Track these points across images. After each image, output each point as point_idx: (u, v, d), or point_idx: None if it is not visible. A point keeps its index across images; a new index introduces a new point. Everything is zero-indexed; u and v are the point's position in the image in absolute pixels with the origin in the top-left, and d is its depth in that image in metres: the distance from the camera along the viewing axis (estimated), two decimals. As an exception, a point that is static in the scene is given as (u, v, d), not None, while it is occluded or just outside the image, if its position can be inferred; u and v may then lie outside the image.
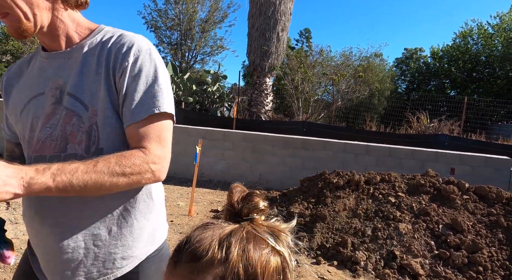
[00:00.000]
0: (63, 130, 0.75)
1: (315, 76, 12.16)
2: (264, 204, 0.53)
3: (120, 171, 0.68)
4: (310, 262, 2.96)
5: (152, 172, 0.73)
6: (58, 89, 0.76)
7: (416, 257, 2.91)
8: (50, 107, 0.76)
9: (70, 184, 0.63)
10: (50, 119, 0.76)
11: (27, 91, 0.80)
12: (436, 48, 21.56)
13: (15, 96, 0.82)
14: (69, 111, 0.75)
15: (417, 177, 3.94)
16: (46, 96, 0.77)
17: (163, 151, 0.75)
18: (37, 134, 0.76)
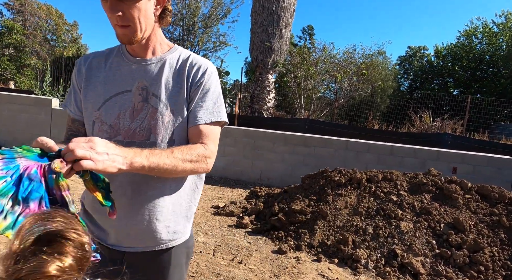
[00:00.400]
0: (149, 123, 0.94)
1: (318, 73, 12.10)
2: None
3: (189, 158, 0.89)
4: (310, 259, 2.95)
5: (207, 164, 0.94)
6: (144, 90, 0.95)
7: (417, 255, 2.91)
8: (139, 104, 0.95)
9: (158, 165, 0.82)
10: (139, 113, 0.94)
11: (113, 85, 0.97)
12: (439, 47, 21.41)
13: (100, 86, 0.97)
14: (154, 109, 0.94)
15: (419, 175, 3.92)
16: (134, 94, 0.95)
17: (215, 149, 0.98)
18: (125, 123, 0.94)
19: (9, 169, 0.63)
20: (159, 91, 0.95)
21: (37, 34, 20.90)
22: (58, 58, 15.29)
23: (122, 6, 0.84)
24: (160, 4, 0.93)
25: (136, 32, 0.88)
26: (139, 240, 0.97)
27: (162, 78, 0.96)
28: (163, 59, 0.98)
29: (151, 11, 0.90)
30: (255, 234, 3.47)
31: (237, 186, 5.65)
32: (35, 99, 6.28)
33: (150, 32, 0.94)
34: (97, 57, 1.02)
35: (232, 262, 2.77)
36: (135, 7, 0.85)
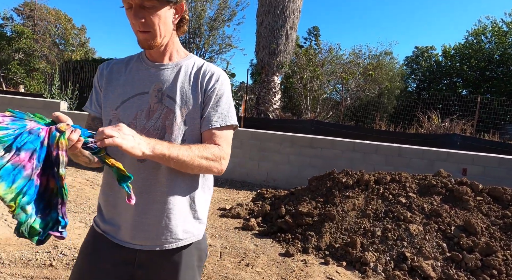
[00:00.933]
0: (163, 123, 0.99)
1: (324, 74, 12.04)
2: None
3: (205, 155, 0.96)
4: (318, 262, 2.92)
5: (221, 164, 1.00)
6: (160, 92, 1.01)
7: (427, 259, 2.85)
8: (155, 105, 1.01)
9: (177, 156, 0.90)
10: (154, 114, 1.00)
11: (131, 87, 1.03)
12: (447, 47, 21.14)
13: (119, 88, 1.04)
14: (168, 109, 1.00)
15: (428, 177, 3.85)
16: (150, 96, 1.02)
17: (229, 152, 1.04)
18: (141, 122, 1.00)
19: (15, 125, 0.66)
20: (174, 93, 1.01)
21: (46, 38, 21.25)
22: (67, 62, 15.51)
23: (144, 13, 0.93)
24: (178, 13, 1.02)
25: (155, 37, 0.97)
26: (150, 238, 1.00)
27: (177, 82, 1.02)
28: (179, 65, 1.05)
29: (170, 19, 0.99)
30: (262, 236, 3.45)
31: (244, 188, 5.63)
32: (44, 103, 6.37)
33: (168, 39, 1.02)
34: (118, 63, 1.11)
35: (239, 265, 2.75)
36: (156, 15, 0.94)
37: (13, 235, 2.81)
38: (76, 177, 5.05)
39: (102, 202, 1.06)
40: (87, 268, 1.03)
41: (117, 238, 1.01)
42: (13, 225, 3.01)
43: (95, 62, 15.08)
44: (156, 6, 0.93)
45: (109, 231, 1.03)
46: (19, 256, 2.45)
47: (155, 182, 0.99)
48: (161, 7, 0.94)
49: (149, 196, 0.99)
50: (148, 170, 0.98)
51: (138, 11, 0.93)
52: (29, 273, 2.27)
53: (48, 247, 2.65)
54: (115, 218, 1.02)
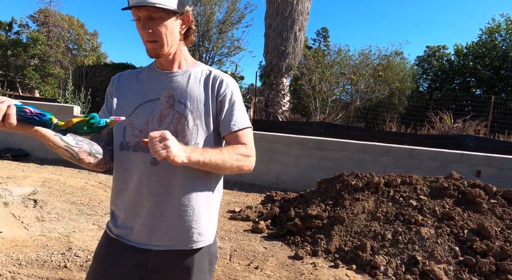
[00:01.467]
0: (175, 128, 1.03)
1: (333, 75, 11.97)
2: None
3: (235, 157, 1.01)
4: (328, 265, 2.90)
5: (250, 162, 1.05)
6: (171, 98, 1.05)
7: (440, 263, 2.80)
8: (166, 110, 1.05)
9: (210, 160, 0.94)
10: (166, 119, 1.04)
11: (143, 95, 1.07)
12: (460, 46, 20.73)
13: (130, 96, 1.09)
14: (179, 114, 1.04)
15: (440, 179, 3.79)
16: (161, 102, 1.06)
17: (254, 150, 1.09)
18: (152, 127, 1.03)
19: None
20: (185, 99, 1.05)
21: (60, 44, 21.80)
22: (80, 67, 15.87)
23: (151, 24, 0.98)
24: (185, 24, 1.07)
25: (163, 46, 1.01)
26: (165, 239, 1.02)
27: (187, 88, 1.07)
28: (188, 72, 1.10)
29: (177, 30, 1.04)
30: (271, 239, 3.45)
31: (253, 190, 5.65)
32: (58, 107, 6.54)
33: (176, 48, 1.07)
34: (130, 73, 1.16)
35: (248, 268, 2.76)
36: (163, 25, 0.99)
37: (29, 237, 2.90)
38: (89, 180, 5.16)
39: (114, 207, 1.09)
40: (101, 273, 1.05)
41: (131, 241, 1.03)
42: (30, 227, 3.11)
43: (107, 67, 15.39)
44: (163, 17, 0.98)
45: (123, 234, 1.05)
46: (35, 258, 2.53)
47: (169, 185, 1.02)
48: (167, 18, 0.99)
49: (163, 199, 1.01)
50: (161, 174, 1.01)
51: (146, 22, 0.98)
52: (44, 274, 2.34)
53: (62, 249, 2.73)
54: (128, 222, 1.04)
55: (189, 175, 1.02)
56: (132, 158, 1.03)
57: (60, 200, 4.01)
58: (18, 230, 3.01)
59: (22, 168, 5.48)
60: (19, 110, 0.75)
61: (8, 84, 11.89)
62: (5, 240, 2.79)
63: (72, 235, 3.01)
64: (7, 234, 2.91)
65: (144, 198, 1.02)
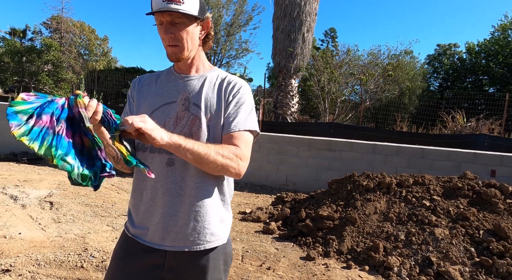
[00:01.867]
0: (190, 129, 1.06)
1: (342, 76, 11.90)
2: None
3: (221, 152, 0.99)
4: (340, 266, 2.89)
5: (238, 165, 1.02)
6: (186, 100, 1.09)
7: (455, 264, 2.76)
8: (182, 112, 1.08)
9: (192, 149, 0.94)
10: (181, 121, 1.07)
11: (161, 97, 1.12)
12: (471, 44, 20.35)
13: (149, 99, 1.13)
14: (194, 116, 1.07)
15: (453, 179, 3.73)
16: (178, 104, 1.09)
17: (247, 154, 1.06)
18: (169, 129, 1.02)
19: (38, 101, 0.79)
20: (199, 101, 1.08)
21: (72, 49, 22.29)
22: (91, 72, 16.20)
23: (174, 29, 1.03)
24: (204, 30, 1.11)
25: (183, 51, 1.06)
26: (179, 239, 1.04)
27: (202, 91, 1.10)
28: (204, 76, 1.13)
29: (197, 35, 1.08)
30: (283, 240, 3.46)
31: (263, 191, 5.66)
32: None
33: (195, 53, 1.11)
34: (149, 77, 1.20)
35: (261, 268, 2.77)
36: (185, 30, 1.04)
37: (46, 238, 2.98)
38: (102, 183, 5.26)
39: (132, 207, 1.12)
40: (119, 272, 1.08)
41: (147, 241, 1.06)
42: (47, 229, 3.19)
43: (118, 71, 15.66)
44: (185, 23, 1.03)
45: (139, 234, 1.07)
46: (53, 258, 2.59)
47: (184, 186, 1.04)
48: (189, 24, 1.03)
49: (177, 199, 1.04)
50: (176, 174, 1.04)
51: (168, 27, 1.02)
52: (62, 274, 2.40)
53: (78, 250, 2.79)
54: (144, 222, 1.07)
55: (203, 176, 1.04)
56: (149, 159, 1.06)
57: (75, 202, 4.10)
58: (36, 232, 3.09)
59: (37, 171, 5.62)
60: (104, 110, 0.87)
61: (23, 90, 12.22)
62: (24, 241, 2.87)
63: (87, 236, 3.08)
64: (26, 235, 2.99)
65: (159, 198, 1.04)
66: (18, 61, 16.04)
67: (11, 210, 3.60)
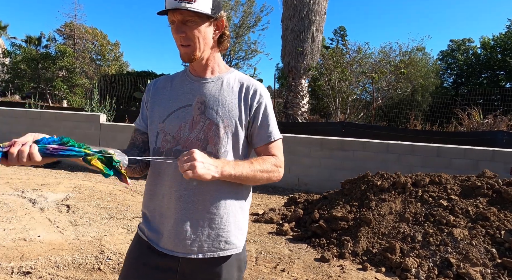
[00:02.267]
0: (205, 135, 1.03)
1: (353, 75, 11.77)
2: None
3: (265, 169, 1.03)
4: (356, 268, 2.85)
5: (279, 172, 1.08)
6: (202, 104, 1.06)
7: (475, 265, 2.68)
8: (198, 116, 1.05)
9: (241, 174, 0.97)
10: (197, 125, 1.04)
11: (176, 101, 1.08)
12: (486, 38, 19.81)
13: (164, 103, 1.10)
14: (210, 121, 1.04)
15: (472, 178, 3.63)
16: (193, 108, 1.06)
17: (283, 159, 1.11)
18: (185, 134, 1.04)
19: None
20: (216, 106, 1.05)
21: (85, 55, 22.80)
22: (104, 77, 16.52)
23: (185, 28, 0.99)
24: (219, 29, 1.07)
25: (195, 50, 1.02)
26: (192, 246, 1.02)
27: (219, 95, 1.06)
28: (221, 78, 1.09)
29: (210, 35, 1.04)
30: (296, 241, 3.43)
31: (275, 192, 5.64)
32: (86, 116, 6.83)
33: (209, 54, 1.07)
34: (164, 79, 1.17)
35: (275, 270, 2.76)
36: (196, 30, 1.00)
37: (64, 241, 3.04)
38: (116, 185, 5.34)
39: (146, 211, 1.10)
40: (134, 272, 1.07)
41: (160, 246, 1.04)
42: (65, 232, 3.26)
43: (129, 75, 15.91)
44: (196, 22, 0.99)
45: (153, 238, 1.06)
46: (71, 260, 2.65)
47: (199, 192, 1.02)
48: (201, 23, 1.00)
49: (191, 206, 1.02)
50: (191, 181, 1.00)
51: (180, 26, 0.99)
52: (80, 276, 2.44)
53: (95, 252, 2.84)
54: (159, 226, 1.05)
55: (219, 183, 1.02)
56: (164, 164, 1.04)
57: (91, 205, 4.18)
58: (54, 234, 3.16)
59: (54, 175, 5.76)
60: (42, 148, 0.83)
61: (39, 96, 12.57)
62: (44, 244, 2.94)
63: (103, 239, 3.13)
64: (45, 238, 3.06)
65: (173, 204, 1.03)
66: (34, 68, 16.50)
67: (30, 213, 3.70)
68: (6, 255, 2.67)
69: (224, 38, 1.10)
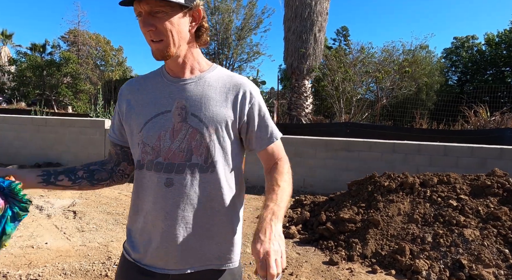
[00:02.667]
0: (189, 144, 0.91)
1: (357, 74, 11.72)
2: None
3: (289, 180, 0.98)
4: (365, 271, 2.80)
5: (290, 173, 1.01)
6: (183, 110, 0.92)
7: (488, 267, 2.62)
8: (179, 124, 0.92)
9: (286, 206, 0.90)
10: (178, 134, 0.92)
11: (153, 107, 0.95)
12: (491, 34, 19.62)
13: (140, 109, 0.97)
14: (193, 129, 0.91)
15: (481, 177, 3.57)
16: (173, 114, 0.93)
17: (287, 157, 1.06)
18: (165, 144, 0.92)
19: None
20: (199, 111, 0.92)
21: (89, 61, 23.03)
22: (108, 82, 16.65)
23: (154, 21, 0.85)
24: (195, 21, 0.92)
25: (169, 46, 0.88)
26: (182, 263, 0.94)
27: (202, 97, 0.93)
28: (202, 78, 0.96)
29: (185, 28, 0.89)
30: (304, 244, 3.40)
31: (281, 195, 5.60)
32: (91, 121, 6.87)
33: (186, 50, 0.93)
34: (139, 81, 1.03)
35: (283, 274, 2.73)
36: (168, 22, 0.85)
37: (71, 247, 3.04)
38: (122, 190, 5.35)
39: (131, 228, 1.01)
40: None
41: (147, 265, 0.96)
42: (72, 238, 3.26)
43: (133, 80, 15.98)
44: (167, 12, 0.85)
45: (139, 258, 0.97)
46: (79, 267, 2.64)
47: (185, 208, 0.92)
48: (173, 14, 0.85)
49: (178, 222, 0.92)
50: (176, 195, 0.91)
51: (147, 19, 0.85)
52: (87, 282, 2.43)
53: (102, 258, 2.83)
54: (144, 244, 0.96)
55: (207, 196, 0.93)
56: (147, 177, 0.93)
57: (97, 210, 4.18)
58: (61, 241, 3.17)
59: (61, 181, 5.79)
60: None
61: (44, 102, 12.70)
62: (51, 250, 2.94)
63: (110, 245, 3.13)
64: (52, 245, 3.07)
65: (159, 222, 0.93)
66: (39, 75, 16.67)
67: (37, 220, 3.71)
68: (14, 263, 2.67)
69: (203, 30, 0.95)
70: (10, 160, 6.78)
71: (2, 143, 6.97)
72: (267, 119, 1.01)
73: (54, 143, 6.71)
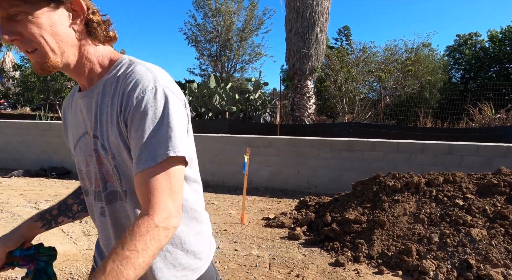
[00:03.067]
0: (101, 171, 0.77)
1: (359, 74, 11.69)
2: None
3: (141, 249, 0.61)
4: (371, 272, 2.79)
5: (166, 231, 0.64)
6: (91, 130, 0.77)
7: (496, 266, 2.59)
8: (93, 147, 0.77)
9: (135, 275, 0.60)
10: (92, 159, 0.78)
11: (76, 128, 0.84)
12: (494, 31, 19.48)
13: (70, 130, 0.88)
14: (99, 154, 0.76)
15: (488, 176, 3.54)
16: (90, 136, 0.78)
17: (175, 204, 0.66)
18: (93, 170, 0.79)
19: None
20: (95, 129, 0.75)
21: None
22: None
23: (16, 27, 0.65)
24: (78, 15, 0.71)
25: (46, 55, 0.68)
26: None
27: (97, 113, 0.74)
28: (97, 86, 0.76)
29: (63, 27, 0.69)
30: (309, 245, 3.39)
31: (285, 195, 5.60)
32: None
33: (76, 54, 0.73)
34: (70, 96, 0.89)
35: (289, 276, 2.72)
36: (33, 25, 0.65)
37: (78, 251, 3.06)
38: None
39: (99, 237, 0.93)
40: None
41: None
42: (78, 242, 3.28)
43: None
44: (27, 12, 0.64)
45: None
46: (86, 272, 2.66)
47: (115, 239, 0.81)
48: (37, 13, 0.64)
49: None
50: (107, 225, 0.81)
51: (6, 25, 0.65)
52: (95, 286, 2.44)
53: (109, 262, 2.84)
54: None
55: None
56: (94, 206, 0.84)
57: (103, 214, 4.21)
58: (68, 245, 3.19)
59: (66, 185, 5.83)
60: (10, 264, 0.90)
61: (49, 107, 12.81)
62: (58, 255, 2.95)
63: (116, 248, 3.14)
64: (59, 249, 3.06)
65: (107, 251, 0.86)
66: (43, 80, 16.81)
67: (43, 224, 3.74)
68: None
69: (93, 25, 0.73)
70: (15, 164, 6.84)
71: (7, 147, 7.04)
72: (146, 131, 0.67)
73: (58, 147, 6.76)
